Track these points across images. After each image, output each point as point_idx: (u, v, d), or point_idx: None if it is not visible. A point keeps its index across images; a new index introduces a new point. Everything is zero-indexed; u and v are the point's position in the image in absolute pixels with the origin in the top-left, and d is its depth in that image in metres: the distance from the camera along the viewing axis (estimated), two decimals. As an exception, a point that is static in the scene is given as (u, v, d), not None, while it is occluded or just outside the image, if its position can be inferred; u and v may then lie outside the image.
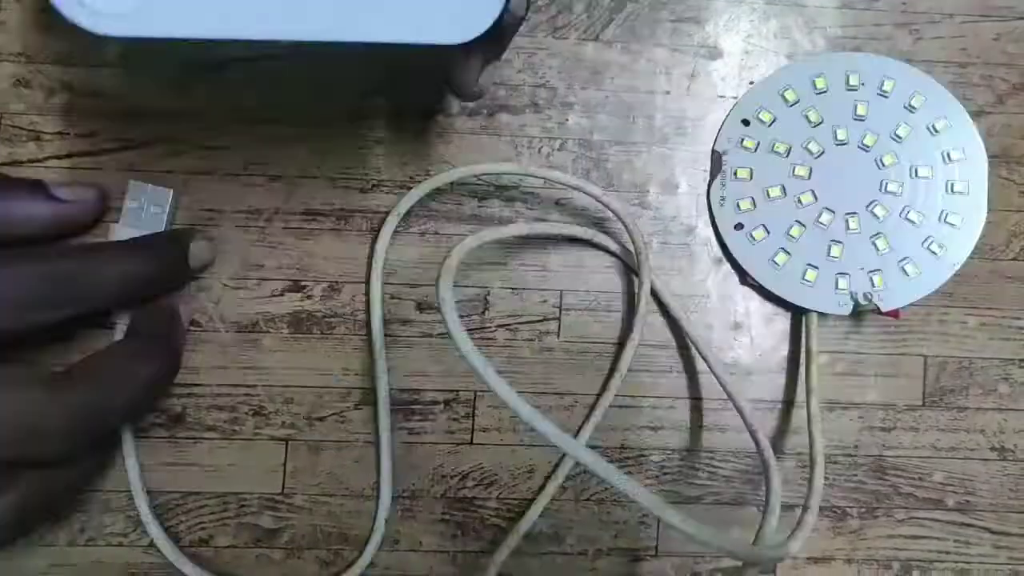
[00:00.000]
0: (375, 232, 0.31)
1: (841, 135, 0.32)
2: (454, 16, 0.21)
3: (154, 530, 0.30)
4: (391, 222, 0.31)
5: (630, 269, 0.32)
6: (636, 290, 0.32)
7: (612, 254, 0.32)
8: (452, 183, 0.31)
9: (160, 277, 0.28)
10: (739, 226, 0.32)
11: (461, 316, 0.32)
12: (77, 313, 0.25)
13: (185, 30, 0.20)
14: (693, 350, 0.32)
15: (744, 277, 0.32)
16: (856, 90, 0.32)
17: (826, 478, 0.32)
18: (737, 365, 0.33)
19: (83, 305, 0.25)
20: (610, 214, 0.32)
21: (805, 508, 0.28)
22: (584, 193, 0.30)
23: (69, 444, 0.24)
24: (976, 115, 0.33)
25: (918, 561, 0.33)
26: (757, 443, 0.30)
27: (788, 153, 0.32)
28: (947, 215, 0.32)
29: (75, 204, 0.28)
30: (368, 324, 0.31)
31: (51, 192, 0.27)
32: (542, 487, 0.32)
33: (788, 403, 0.33)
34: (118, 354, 0.27)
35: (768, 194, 0.32)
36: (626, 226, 0.30)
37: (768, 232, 0.32)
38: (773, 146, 0.32)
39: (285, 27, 0.21)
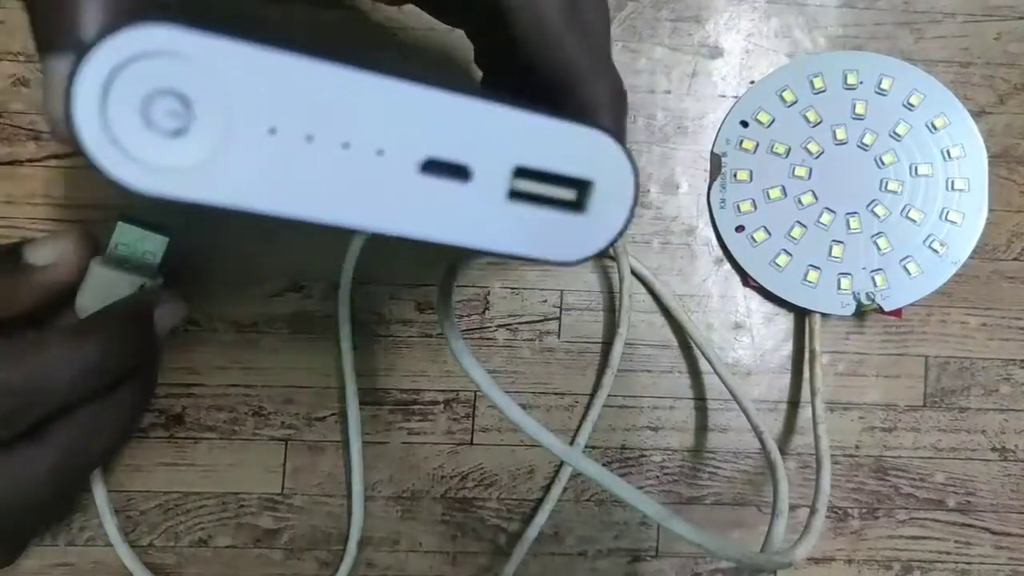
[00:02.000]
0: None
1: (840, 134, 0.32)
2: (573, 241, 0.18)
3: (122, 549, 0.30)
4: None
5: (631, 269, 0.32)
6: (618, 286, 0.32)
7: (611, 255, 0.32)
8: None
9: (122, 362, 0.23)
10: (740, 228, 0.32)
11: (461, 316, 0.32)
12: (25, 427, 0.21)
13: (248, 202, 0.16)
14: (695, 350, 0.32)
15: (746, 279, 0.32)
16: (854, 89, 0.32)
17: (827, 478, 0.32)
18: (738, 365, 0.32)
19: (30, 417, 0.21)
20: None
21: (812, 511, 0.28)
22: None
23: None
24: (977, 115, 0.32)
25: (919, 562, 0.33)
26: (763, 444, 0.30)
27: (787, 154, 0.32)
28: (948, 212, 0.32)
29: (53, 267, 0.23)
30: (336, 324, 0.31)
31: (22, 260, 0.23)
32: (546, 488, 0.32)
33: (791, 404, 0.33)
34: (83, 414, 0.23)
35: (768, 195, 0.32)
36: None
37: (769, 234, 0.32)
38: (772, 147, 0.32)
39: (368, 221, 0.17)
